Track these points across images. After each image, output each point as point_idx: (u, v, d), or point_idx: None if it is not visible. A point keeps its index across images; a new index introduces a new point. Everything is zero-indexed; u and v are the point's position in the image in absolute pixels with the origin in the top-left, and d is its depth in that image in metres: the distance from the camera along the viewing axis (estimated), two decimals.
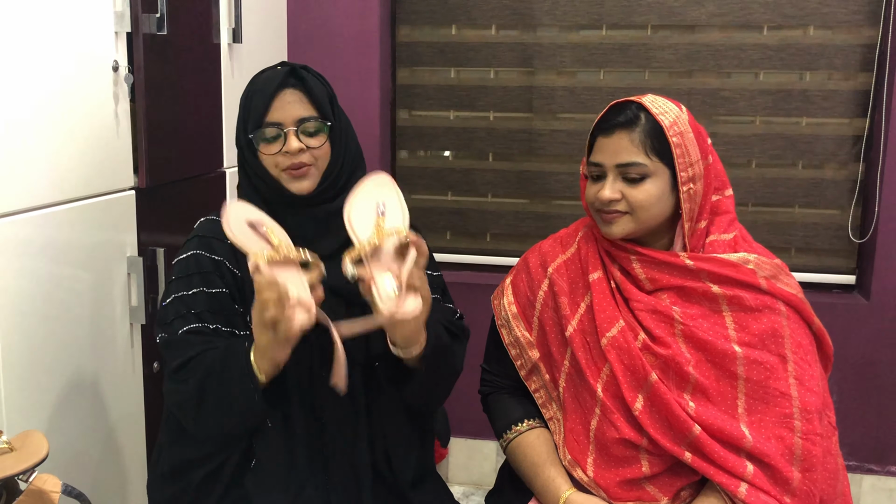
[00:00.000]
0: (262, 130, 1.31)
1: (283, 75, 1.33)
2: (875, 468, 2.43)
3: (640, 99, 1.36)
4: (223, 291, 1.32)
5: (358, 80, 2.45)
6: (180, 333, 1.29)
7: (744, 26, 2.38)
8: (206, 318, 1.30)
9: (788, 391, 1.31)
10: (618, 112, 1.35)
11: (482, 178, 2.59)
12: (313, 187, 1.33)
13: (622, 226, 1.35)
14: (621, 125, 1.33)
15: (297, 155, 1.31)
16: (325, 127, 1.33)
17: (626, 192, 1.33)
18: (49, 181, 1.39)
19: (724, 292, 1.34)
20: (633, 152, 1.32)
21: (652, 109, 1.34)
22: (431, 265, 1.47)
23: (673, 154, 1.32)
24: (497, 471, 1.60)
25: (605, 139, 1.34)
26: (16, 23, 1.30)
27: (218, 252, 1.34)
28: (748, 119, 2.42)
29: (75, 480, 1.25)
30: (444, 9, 2.52)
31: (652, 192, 1.32)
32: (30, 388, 1.37)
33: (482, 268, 2.61)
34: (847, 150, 2.39)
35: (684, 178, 1.33)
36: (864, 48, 2.33)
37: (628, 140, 1.32)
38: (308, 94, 1.33)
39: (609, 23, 2.44)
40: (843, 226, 2.42)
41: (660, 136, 1.32)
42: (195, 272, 1.32)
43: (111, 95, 1.54)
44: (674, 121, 1.34)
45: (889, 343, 2.35)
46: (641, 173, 1.32)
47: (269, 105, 1.31)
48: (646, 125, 1.33)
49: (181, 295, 1.31)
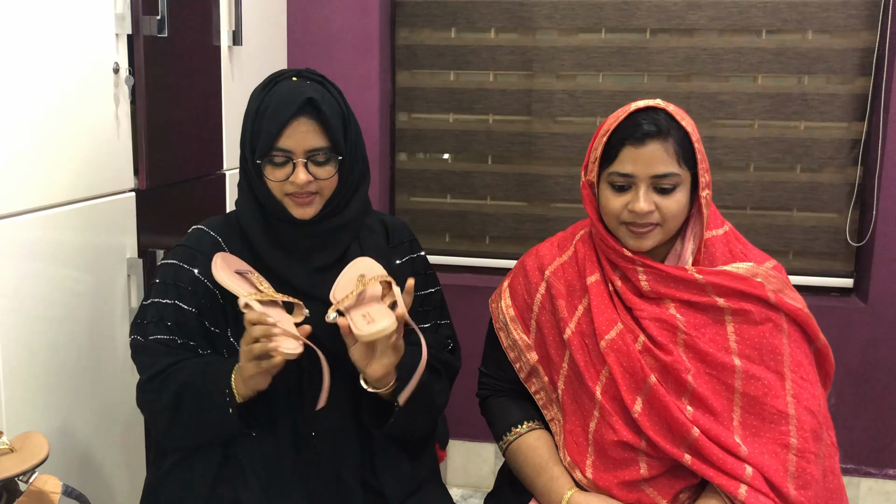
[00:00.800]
0: (271, 155, 1.30)
1: (299, 104, 1.28)
2: (872, 471, 2.43)
3: (658, 105, 1.34)
4: (192, 311, 1.33)
5: (357, 83, 2.46)
6: (150, 339, 1.31)
7: (742, 30, 2.38)
8: (174, 331, 1.32)
9: (786, 409, 1.30)
10: (644, 119, 1.31)
11: (481, 180, 2.59)
12: (317, 212, 1.33)
13: (654, 238, 1.34)
14: (654, 135, 1.30)
15: (304, 186, 1.30)
16: (335, 158, 1.31)
17: (660, 203, 1.31)
18: (49, 183, 1.39)
19: (730, 305, 1.33)
20: (669, 163, 1.30)
21: (675, 116, 1.33)
22: (431, 282, 1.47)
23: (696, 160, 1.32)
24: (495, 473, 1.60)
25: (636, 149, 1.30)
26: (17, 25, 1.30)
27: (199, 268, 1.34)
28: (746, 123, 2.42)
29: (75, 481, 1.25)
30: (443, 12, 2.52)
31: (682, 202, 1.32)
32: (30, 389, 1.37)
33: (481, 270, 2.61)
34: (845, 154, 2.40)
35: (703, 184, 1.33)
36: (862, 52, 2.34)
37: (663, 150, 1.30)
38: (323, 125, 1.29)
39: (608, 26, 2.45)
40: (841, 229, 2.43)
41: (687, 145, 1.32)
42: (172, 283, 1.34)
43: (112, 97, 1.54)
44: (694, 127, 1.34)
45: (886, 346, 2.35)
46: (675, 183, 1.31)
47: (280, 132, 1.28)
48: (677, 135, 1.31)
49: (158, 301, 1.33)
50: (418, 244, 1.49)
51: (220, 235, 1.38)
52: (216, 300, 1.33)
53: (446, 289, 1.54)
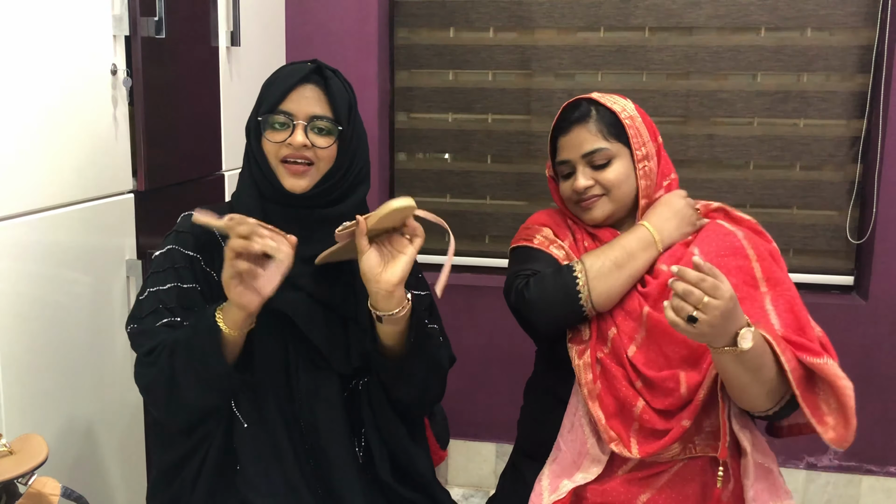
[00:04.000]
0: (272, 116, 1.30)
1: (308, 70, 1.31)
2: (874, 469, 2.43)
3: (588, 95, 1.49)
4: (194, 287, 1.32)
5: (356, 83, 2.42)
6: (150, 326, 1.29)
7: (741, 28, 2.38)
8: (178, 312, 1.30)
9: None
10: (571, 111, 1.48)
11: (481, 180, 2.59)
12: (308, 187, 1.31)
13: (601, 208, 1.46)
14: (576, 120, 1.46)
15: (300, 149, 1.29)
16: (335, 130, 1.31)
17: (598, 177, 1.45)
18: (48, 184, 1.39)
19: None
20: (593, 140, 1.45)
21: (601, 100, 1.47)
22: (422, 285, 1.46)
23: (627, 134, 1.44)
24: (496, 473, 1.60)
25: (565, 137, 1.48)
26: (14, 27, 1.30)
27: (192, 248, 1.33)
28: (746, 121, 2.42)
29: (74, 483, 1.25)
30: (442, 11, 2.52)
31: (620, 171, 1.45)
32: (29, 391, 1.37)
33: (481, 270, 2.61)
34: (845, 152, 2.39)
35: (639, 156, 1.45)
36: (862, 50, 2.34)
37: (586, 131, 1.45)
38: (327, 94, 1.31)
39: (607, 25, 2.45)
40: (841, 227, 2.43)
41: (614, 122, 1.45)
42: (169, 267, 1.32)
43: (110, 99, 1.54)
44: (622, 107, 1.47)
45: (887, 343, 2.35)
46: (606, 157, 1.44)
47: (286, 94, 1.29)
48: (598, 115, 1.46)
49: (156, 290, 1.31)
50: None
51: None
52: (212, 279, 1.33)
53: (446, 288, 1.53)
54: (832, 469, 2.46)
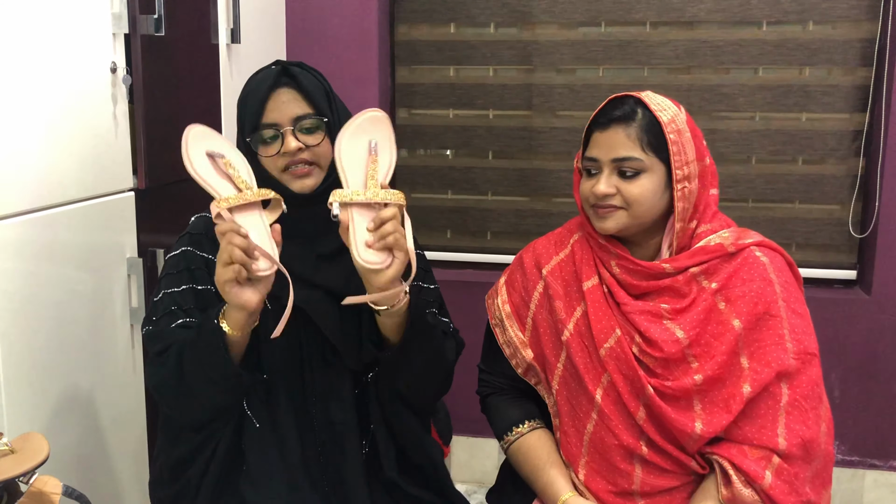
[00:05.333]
0: (260, 133, 1.30)
1: (274, 75, 1.31)
2: (878, 463, 2.43)
3: (638, 94, 1.35)
4: (209, 289, 1.32)
5: (357, 80, 2.45)
6: (166, 326, 1.30)
7: (743, 22, 2.37)
8: (193, 314, 1.31)
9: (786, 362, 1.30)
10: (615, 106, 1.33)
11: (482, 176, 2.59)
12: (316, 185, 1.32)
13: (617, 220, 1.33)
14: (618, 119, 1.31)
15: (296, 154, 1.29)
16: (321, 123, 1.32)
17: (621, 187, 1.31)
18: (48, 183, 1.39)
19: (702, 270, 1.33)
20: (629, 147, 1.30)
21: (650, 105, 1.32)
22: (428, 279, 1.46)
23: (669, 151, 1.31)
24: (498, 469, 1.60)
25: (601, 134, 1.33)
26: (14, 25, 1.30)
27: (207, 250, 1.34)
28: (748, 115, 2.41)
29: (76, 482, 1.25)
30: (442, 7, 2.52)
31: (647, 188, 1.31)
32: (30, 389, 1.37)
33: (483, 266, 2.60)
34: (847, 146, 2.39)
35: (679, 177, 1.31)
36: (864, 43, 2.33)
37: (624, 135, 1.30)
38: (302, 92, 1.31)
39: (608, 19, 2.44)
40: (843, 221, 2.42)
41: (657, 133, 1.31)
42: (184, 269, 1.33)
43: (109, 97, 1.54)
44: (672, 118, 1.32)
45: (890, 337, 2.34)
46: (637, 168, 1.30)
47: (263, 106, 1.30)
48: (643, 120, 1.31)
49: (171, 291, 1.32)
50: (417, 241, 1.49)
51: None
52: None
53: (448, 285, 1.54)
54: (836, 464, 2.45)
